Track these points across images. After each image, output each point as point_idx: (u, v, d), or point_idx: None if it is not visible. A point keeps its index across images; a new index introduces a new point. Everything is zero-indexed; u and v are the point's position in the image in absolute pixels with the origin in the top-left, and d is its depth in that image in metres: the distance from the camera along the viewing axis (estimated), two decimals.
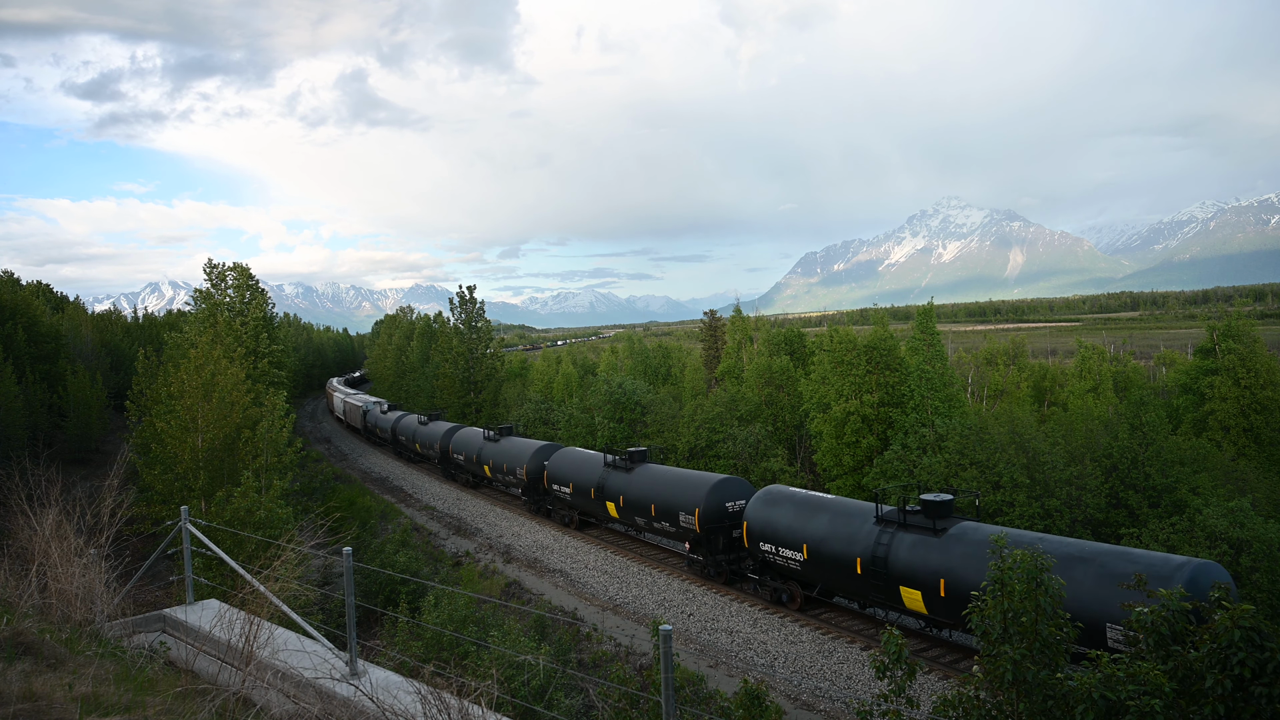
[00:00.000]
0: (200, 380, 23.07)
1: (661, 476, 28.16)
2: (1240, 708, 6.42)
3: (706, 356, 62.14)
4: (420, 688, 6.31)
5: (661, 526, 27.25)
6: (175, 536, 10.30)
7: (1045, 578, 7.72)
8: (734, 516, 25.43)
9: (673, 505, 26.46)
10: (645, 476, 28.77)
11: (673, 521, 26.43)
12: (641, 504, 28.09)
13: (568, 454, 34.17)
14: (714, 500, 25.31)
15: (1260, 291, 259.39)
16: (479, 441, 41.12)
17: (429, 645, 15.94)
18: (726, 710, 11.27)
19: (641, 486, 28.47)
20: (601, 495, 30.26)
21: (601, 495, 30.26)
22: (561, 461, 33.81)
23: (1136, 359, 64.08)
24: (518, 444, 37.90)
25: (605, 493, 30.05)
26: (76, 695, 5.75)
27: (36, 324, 53.55)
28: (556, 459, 34.18)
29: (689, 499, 25.78)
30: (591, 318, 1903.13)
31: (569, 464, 33.22)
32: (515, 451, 37.22)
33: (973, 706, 7.66)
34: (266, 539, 15.86)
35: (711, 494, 25.35)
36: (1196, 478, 25.81)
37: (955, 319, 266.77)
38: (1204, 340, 36.74)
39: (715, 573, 25.71)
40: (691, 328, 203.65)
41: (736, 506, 25.48)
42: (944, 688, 17.49)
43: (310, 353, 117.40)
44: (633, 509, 28.65)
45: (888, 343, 34.83)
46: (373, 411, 63.65)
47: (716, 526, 25.34)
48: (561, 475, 33.16)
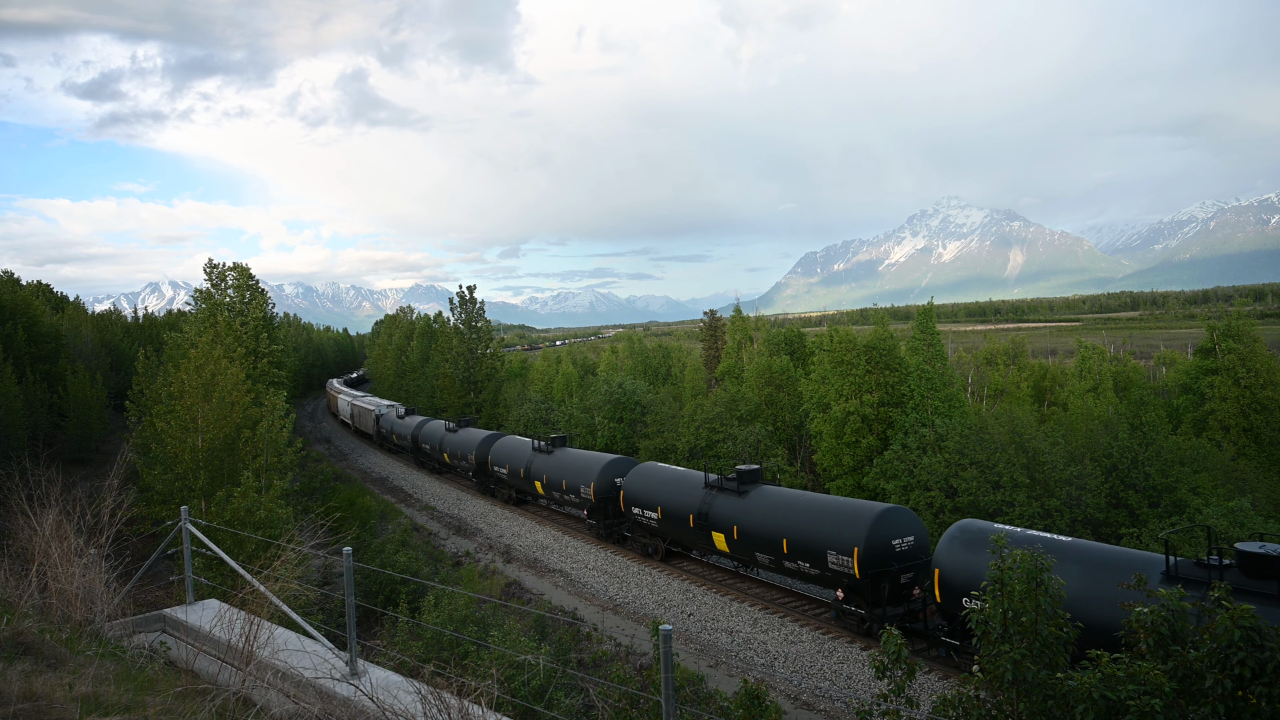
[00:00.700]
0: (200, 380, 23.07)
1: (794, 504, 22.99)
2: (1240, 708, 6.42)
3: (706, 356, 62.15)
4: (420, 687, 6.31)
5: (797, 567, 22.08)
6: (175, 536, 10.30)
7: (1045, 578, 7.72)
8: (903, 557, 20.34)
9: (816, 541, 21.25)
10: (766, 503, 23.63)
11: (817, 562, 21.32)
12: (766, 537, 22.82)
13: (649, 471, 29.22)
14: (878, 535, 20.22)
15: (1260, 291, 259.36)
16: (527, 453, 36.31)
17: (429, 645, 15.94)
18: (726, 710, 11.27)
19: (764, 515, 23.27)
20: (705, 523, 25.08)
21: (705, 523, 25.08)
22: (643, 480, 28.84)
23: (1136, 359, 64.09)
24: (578, 457, 33.29)
25: (710, 520, 24.90)
26: (76, 695, 5.75)
27: (36, 324, 53.55)
28: (635, 476, 29.29)
29: (845, 536, 20.52)
30: (591, 318, 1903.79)
31: (653, 482, 28.26)
32: (577, 466, 32.29)
33: (972, 706, 7.66)
34: (266, 539, 15.87)
35: (876, 526, 20.27)
36: (1196, 478, 25.81)
37: (955, 319, 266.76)
38: (1204, 340, 36.74)
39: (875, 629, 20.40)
40: (691, 328, 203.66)
41: (906, 544, 20.41)
42: (944, 688, 17.50)
43: (310, 353, 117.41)
44: (752, 542, 23.40)
45: (888, 343, 34.83)
46: (387, 416, 59.15)
47: (881, 571, 20.17)
48: (644, 496, 28.11)
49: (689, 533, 26.20)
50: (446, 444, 44.81)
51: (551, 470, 33.43)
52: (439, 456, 46.42)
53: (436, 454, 46.79)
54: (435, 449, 46.65)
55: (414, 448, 50.81)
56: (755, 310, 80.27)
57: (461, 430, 44.82)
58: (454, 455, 43.72)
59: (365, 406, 65.70)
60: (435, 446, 46.59)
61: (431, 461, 49.17)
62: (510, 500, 39.22)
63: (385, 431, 58.34)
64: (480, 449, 40.90)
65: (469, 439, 42.68)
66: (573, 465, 32.70)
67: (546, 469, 33.94)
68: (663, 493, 27.46)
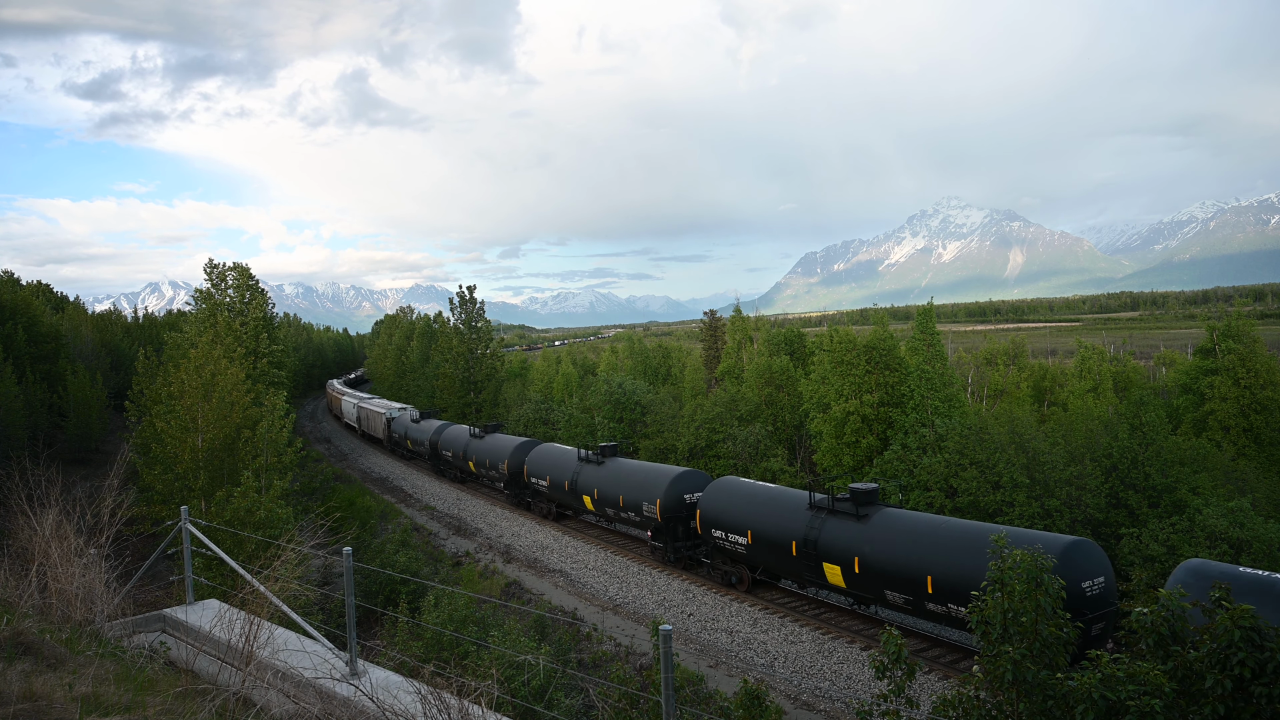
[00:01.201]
0: (200, 380, 23.08)
1: (930, 531, 19.15)
2: (1240, 708, 6.42)
3: (706, 356, 62.15)
4: (420, 688, 6.31)
5: (946, 610, 18.11)
6: (175, 536, 10.30)
7: (1045, 578, 7.73)
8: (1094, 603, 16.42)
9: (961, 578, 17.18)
10: (889, 530, 19.90)
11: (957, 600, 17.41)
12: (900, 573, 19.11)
13: (729, 488, 25.25)
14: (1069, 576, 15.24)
15: (1260, 291, 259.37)
16: (572, 463, 32.47)
17: (429, 645, 15.95)
18: (726, 710, 11.27)
19: (888, 546, 19.52)
20: (812, 554, 21.31)
21: (812, 554, 21.31)
22: (724, 497, 24.91)
23: (1136, 359, 64.07)
24: (638, 469, 29.26)
25: (819, 550, 21.08)
26: (76, 695, 5.75)
27: (36, 324, 53.55)
28: (715, 494, 25.30)
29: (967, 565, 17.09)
30: (591, 318, 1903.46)
31: (738, 500, 24.41)
32: (637, 479, 28.58)
33: (973, 706, 7.66)
34: (266, 539, 15.88)
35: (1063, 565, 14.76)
36: (1196, 478, 25.80)
37: (955, 319, 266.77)
38: (1204, 340, 36.72)
39: None
40: (691, 328, 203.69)
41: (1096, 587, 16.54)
42: (944, 688, 17.49)
43: (310, 353, 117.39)
44: (879, 577, 19.63)
45: (887, 343, 34.83)
46: (400, 420, 54.90)
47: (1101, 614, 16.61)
48: (726, 518, 24.13)
49: (793, 562, 22.38)
50: (472, 451, 41.16)
51: (604, 484, 29.89)
52: (462, 465, 42.88)
53: (459, 462, 43.02)
54: (458, 456, 42.99)
55: (433, 454, 47.12)
56: (755, 310, 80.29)
57: (489, 436, 41.14)
58: (481, 464, 40.20)
59: (374, 409, 62.02)
60: (458, 454, 42.89)
61: (453, 470, 45.74)
62: (549, 515, 35.76)
63: (398, 436, 54.42)
64: (514, 458, 37.19)
65: (499, 446, 38.93)
66: (631, 478, 28.96)
67: (598, 482, 30.35)
68: (750, 514, 23.81)
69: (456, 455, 43.11)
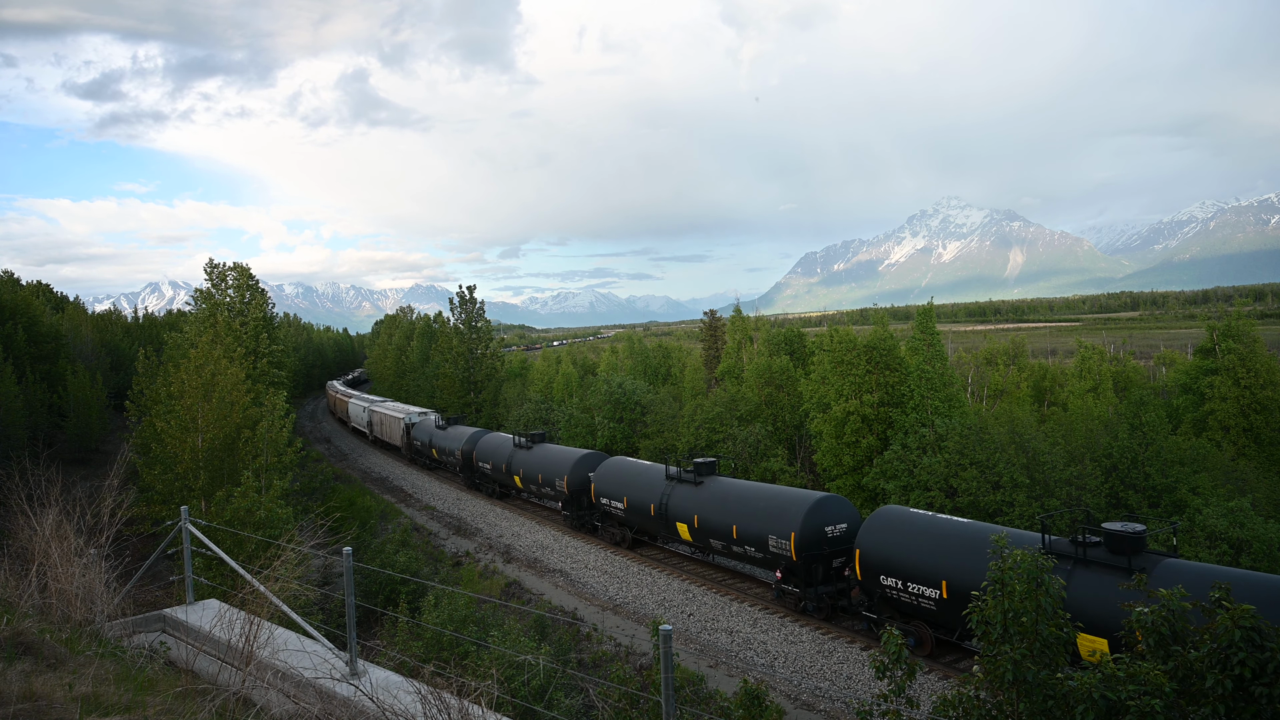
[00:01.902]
0: (200, 380, 23.08)
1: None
2: (1240, 708, 6.42)
3: (706, 356, 62.12)
4: (420, 688, 6.31)
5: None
6: (175, 536, 10.30)
7: (1046, 578, 7.72)
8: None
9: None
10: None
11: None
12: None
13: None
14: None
15: (1260, 291, 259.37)
16: (659, 483, 27.73)
17: (429, 645, 15.94)
18: (726, 710, 11.28)
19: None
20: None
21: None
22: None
23: (1136, 359, 64.07)
24: (754, 495, 24.44)
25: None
26: (76, 695, 5.75)
27: (36, 324, 53.57)
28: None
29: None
30: (591, 318, 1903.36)
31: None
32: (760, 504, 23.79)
33: (973, 706, 7.66)
34: (266, 539, 15.87)
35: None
36: (1196, 478, 25.81)
37: (955, 319, 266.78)
38: (1204, 340, 36.71)
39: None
40: (691, 328, 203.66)
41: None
42: (944, 688, 17.49)
43: (310, 353, 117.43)
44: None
45: (888, 343, 34.80)
46: (422, 426, 50.30)
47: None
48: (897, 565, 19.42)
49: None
50: (518, 464, 36.40)
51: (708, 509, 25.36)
52: (504, 479, 37.74)
53: (501, 476, 38.04)
54: (499, 470, 37.84)
55: (466, 467, 42.08)
56: (755, 310, 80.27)
57: (538, 447, 36.36)
58: (530, 479, 35.21)
59: (389, 414, 56.99)
60: (500, 466, 37.78)
61: (490, 484, 40.82)
62: (623, 543, 30.30)
63: (420, 445, 49.69)
64: (576, 473, 32.52)
65: (555, 459, 34.26)
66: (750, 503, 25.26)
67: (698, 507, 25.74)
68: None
69: (497, 468, 38.30)
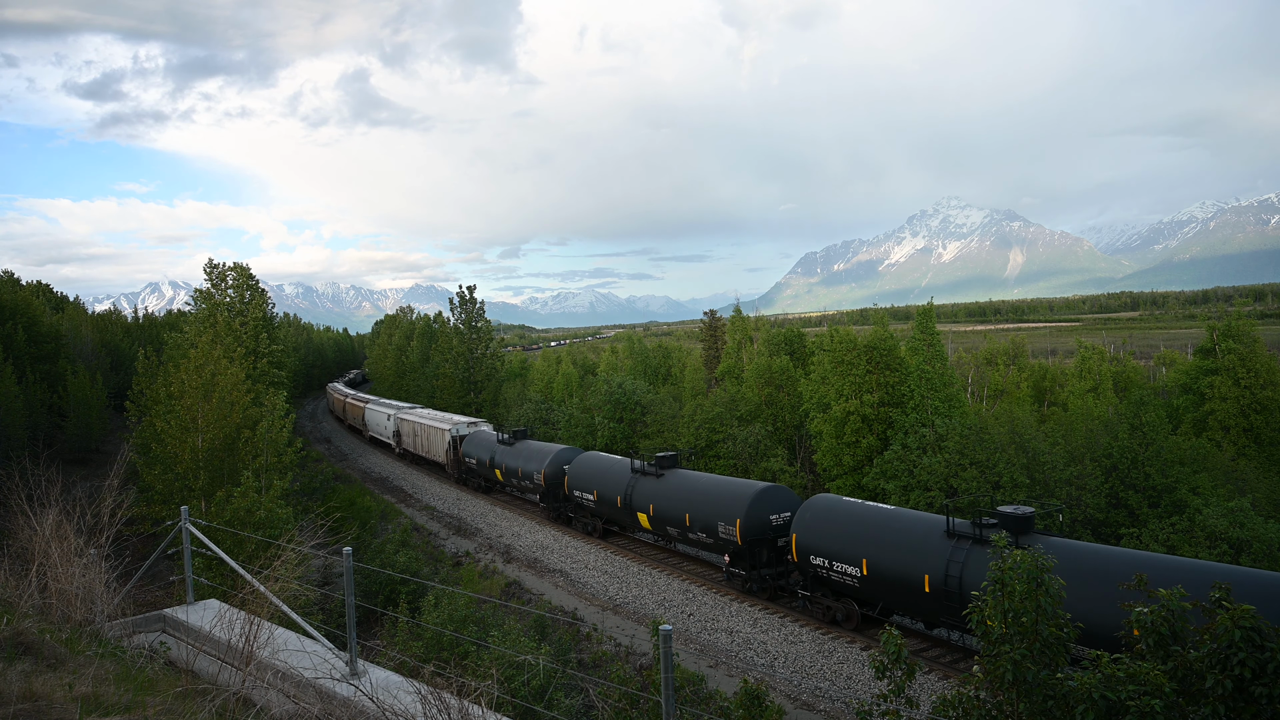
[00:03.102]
0: (200, 380, 23.08)
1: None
2: (1240, 708, 6.41)
3: (706, 356, 62.12)
4: (420, 688, 6.31)
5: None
6: (175, 536, 10.30)
7: (1046, 578, 7.72)
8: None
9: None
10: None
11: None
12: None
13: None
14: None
15: (1260, 291, 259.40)
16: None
17: (429, 645, 15.95)
18: (726, 710, 11.27)
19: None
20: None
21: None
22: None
23: (1136, 359, 64.08)
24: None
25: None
26: (76, 695, 5.75)
27: (36, 324, 53.57)
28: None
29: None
30: (591, 318, 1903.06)
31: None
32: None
33: (973, 706, 7.66)
34: (266, 539, 15.88)
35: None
36: (1196, 478, 25.81)
37: (955, 319, 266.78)
38: (1204, 340, 36.72)
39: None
40: (691, 328, 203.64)
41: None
42: (944, 688, 17.49)
43: (310, 353, 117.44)
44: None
45: (888, 343, 34.81)
46: (476, 440, 41.29)
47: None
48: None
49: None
50: (641, 496, 27.59)
51: None
52: (622, 516, 28.96)
53: (616, 511, 29.11)
54: (613, 502, 28.99)
55: (548, 493, 34.01)
56: (755, 310, 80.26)
57: (672, 474, 27.35)
58: (671, 519, 26.16)
59: (427, 423, 47.94)
60: (612, 499, 29.03)
61: (588, 516, 31.81)
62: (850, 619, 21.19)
63: (475, 463, 40.74)
64: (752, 514, 23.22)
65: (712, 493, 25.11)
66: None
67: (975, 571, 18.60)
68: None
69: (607, 499, 29.61)
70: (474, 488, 42.74)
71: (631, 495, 27.94)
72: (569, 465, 32.60)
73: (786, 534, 23.21)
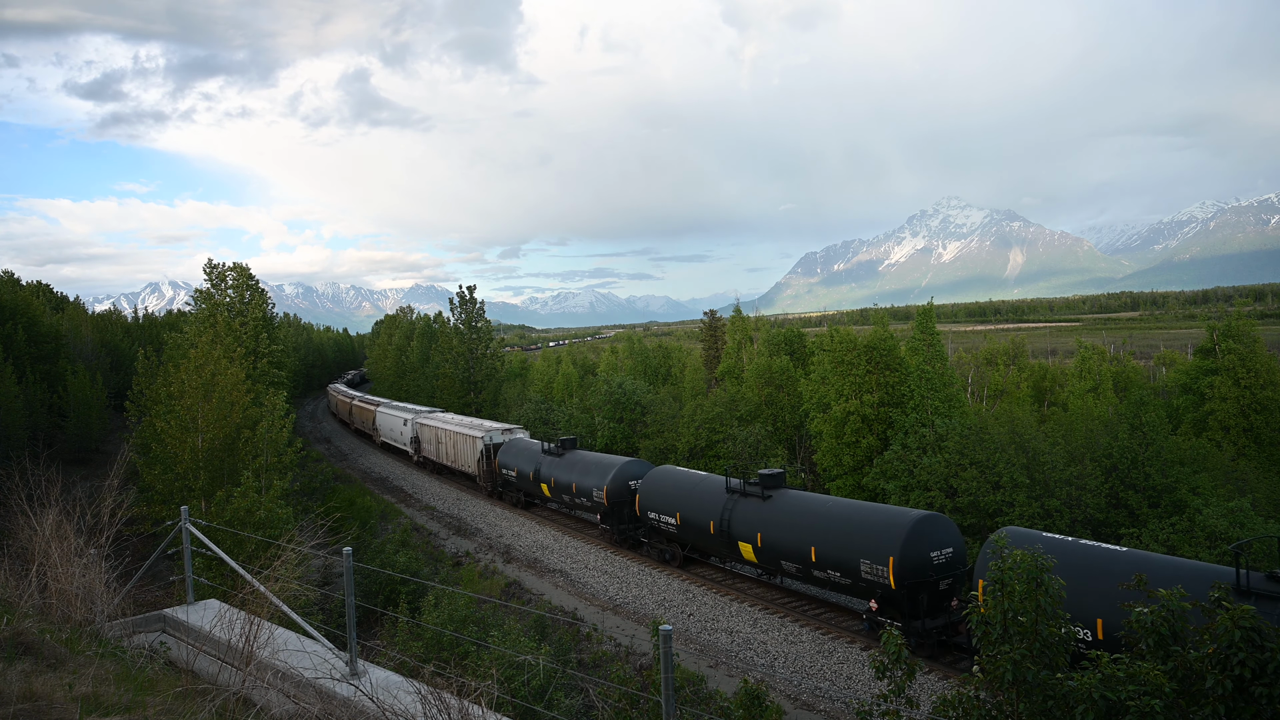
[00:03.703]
0: (200, 380, 23.08)
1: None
2: (1240, 708, 6.42)
3: (706, 356, 62.13)
4: (420, 688, 6.31)
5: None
6: (175, 536, 10.30)
7: (1045, 578, 7.72)
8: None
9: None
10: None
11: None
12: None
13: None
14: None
15: (1260, 291, 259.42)
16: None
17: (429, 645, 15.94)
18: (726, 710, 11.28)
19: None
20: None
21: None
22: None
23: (1136, 359, 64.08)
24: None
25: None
26: (76, 695, 5.75)
27: (36, 324, 53.55)
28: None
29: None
30: (592, 318, 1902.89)
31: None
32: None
33: (973, 706, 7.66)
34: (266, 539, 15.88)
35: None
36: (1196, 478, 25.80)
37: (955, 319, 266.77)
38: (1204, 340, 36.72)
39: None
40: (691, 328, 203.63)
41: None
42: (944, 688, 17.49)
43: (310, 353, 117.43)
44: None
45: (888, 343, 34.81)
46: (516, 449, 37.46)
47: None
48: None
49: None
50: (743, 521, 23.50)
51: None
52: (717, 547, 24.97)
53: (708, 539, 25.11)
54: (702, 528, 25.06)
55: (611, 513, 29.90)
56: (755, 310, 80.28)
57: (778, 495, 23.34)
58: (788, 551, 22.03)
59: (453, 430, 43.71)
60: (701, 524, 25.14)
61: (664, 542, 27.75)
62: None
63: (513, 476, 36.81)
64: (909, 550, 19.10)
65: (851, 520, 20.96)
66: None
67: None
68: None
69: (693, 526, 25.55)
70: (511, 502, 38.92)
71: (729, 520, 23.86)
72: (639, 482, 28.89)
73: (951, 574, 19.39)
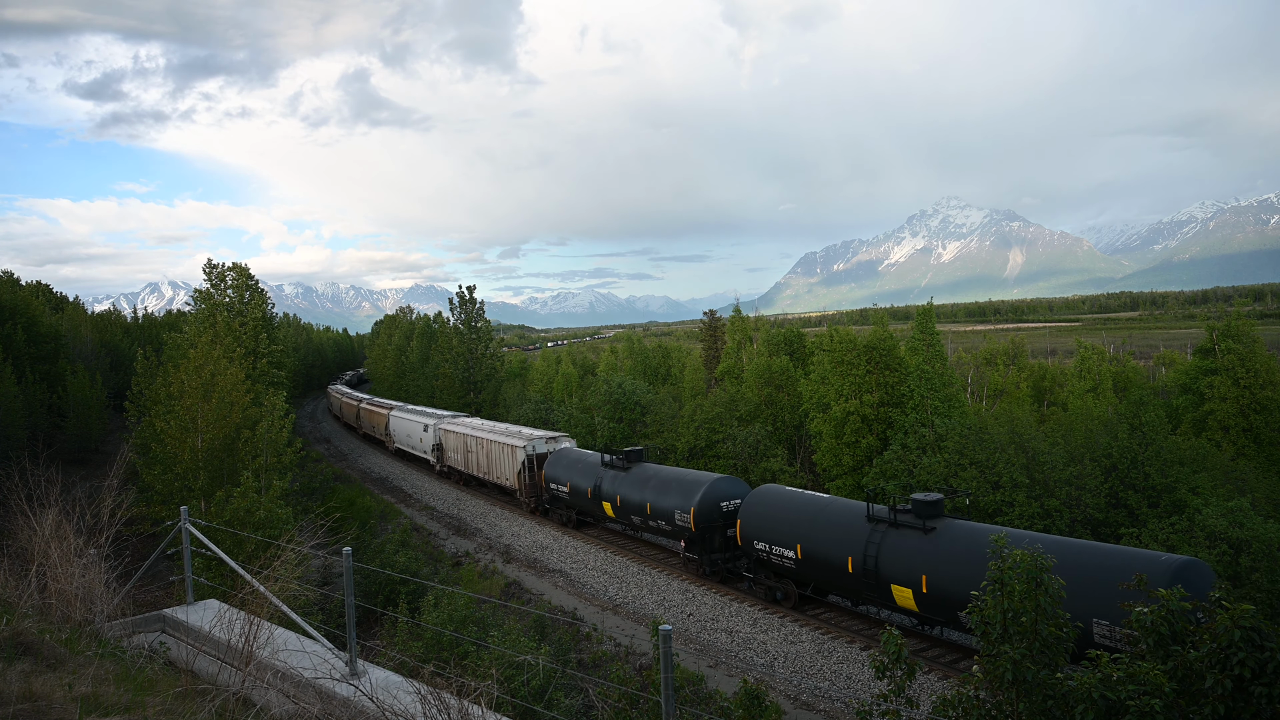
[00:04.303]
0: (200, 380, 23.09)
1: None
2: (1240, 708, 6.42)
3: (706, 356, 62.12)
4: (420, 688, 6.31)
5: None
6: (175, 536, 10.30)
7: (1045, 578, 7.73)
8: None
9: None
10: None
11: None
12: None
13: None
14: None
15: (1260, 291, 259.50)
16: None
17: (429, 645, 15.94)
18: (726, 710, 11.28)
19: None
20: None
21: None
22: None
23: (1136, 359, 64.08)
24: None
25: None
26: (76, 695, 5.75)
27: (36, 324, 53.53)
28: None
29: None
30: (591, 318, 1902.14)
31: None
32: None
33: (972, 706, 7.66)
34: (266, 539, 15.87)
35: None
36: (1196, 478, 25.79)
37: (955, 319, 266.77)
38: (1204, 340, 36.71)
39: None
40: (691, 328, 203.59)
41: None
42: (944, 688, 17.50)
43: (310, 353, 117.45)
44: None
45: (887, 343, 34.81)
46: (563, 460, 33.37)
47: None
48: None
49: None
50: (894, 559, 19.21)
51: None
52: (859, 587, 20.47)
53: (844, 578, 20.70)
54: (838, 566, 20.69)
55: (699, 539, 25.55)
56: (755, 310, 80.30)
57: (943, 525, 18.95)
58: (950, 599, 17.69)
59: (489, 438, 38.90)
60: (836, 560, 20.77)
61: (774, 578, 23.45)
62: None
63: (566, 493, 32.60)
64: None
65: None
66: None
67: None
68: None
69: (821, 563, 21.37)
70: (559, 521, 34.09)
71: (877, 558, 19.48)
72: (735, 503, 25.08)
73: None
